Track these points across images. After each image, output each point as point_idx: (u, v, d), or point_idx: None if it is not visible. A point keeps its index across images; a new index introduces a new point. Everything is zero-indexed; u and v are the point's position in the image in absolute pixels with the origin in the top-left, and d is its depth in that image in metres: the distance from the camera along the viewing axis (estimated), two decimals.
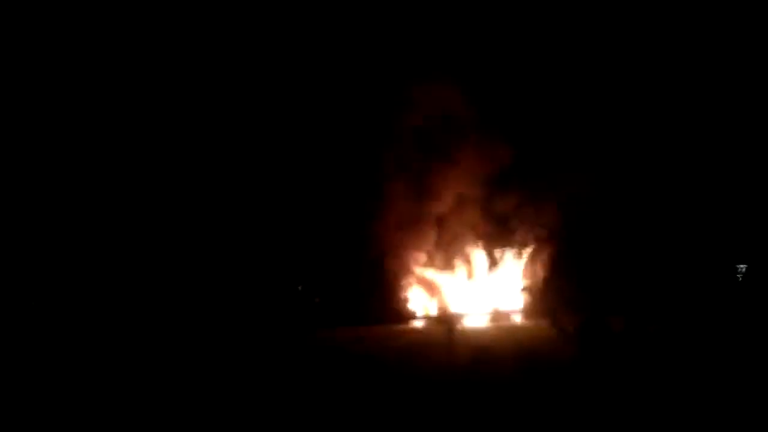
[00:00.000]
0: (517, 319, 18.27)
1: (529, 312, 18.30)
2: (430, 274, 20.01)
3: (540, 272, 18.80)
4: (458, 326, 17.50)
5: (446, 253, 20.19)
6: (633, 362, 9.53)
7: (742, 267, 18.02)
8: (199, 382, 9.48)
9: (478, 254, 19.93)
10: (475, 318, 18.38)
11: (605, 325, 11.97)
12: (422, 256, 20.15)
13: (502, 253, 19.60)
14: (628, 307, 13.74)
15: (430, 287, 19.95)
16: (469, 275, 19.97)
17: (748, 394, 7.55)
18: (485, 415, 7.32)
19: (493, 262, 19.76)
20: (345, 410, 7.69)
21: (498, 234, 19.62)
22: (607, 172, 18.38)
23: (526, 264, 19.19)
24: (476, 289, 19.65)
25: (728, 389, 7.74)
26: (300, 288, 20.11)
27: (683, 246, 18.06)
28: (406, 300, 19.55)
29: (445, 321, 17.61)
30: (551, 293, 18.02)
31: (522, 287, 19.09)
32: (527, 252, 19.10)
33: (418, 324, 18.77)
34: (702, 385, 8.13)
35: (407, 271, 19.94)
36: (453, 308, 18.99)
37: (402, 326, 18.45)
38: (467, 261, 20.03)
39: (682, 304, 14.79)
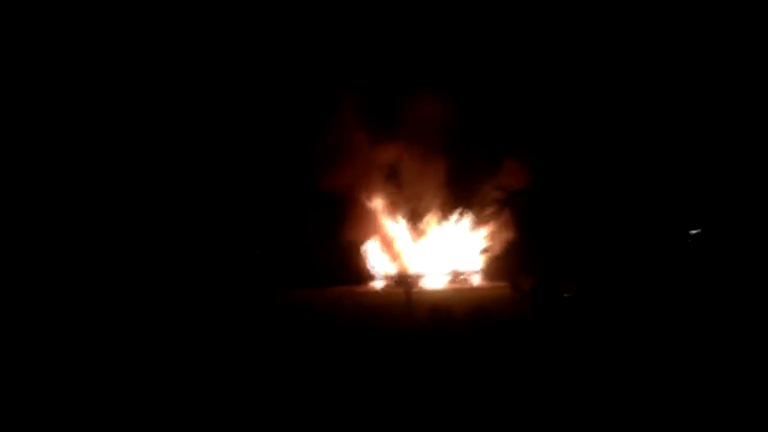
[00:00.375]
0: (476, 280, 18.85)
1: (488, 273, 18.87)
2: (389, 234, 20.30)
3: (500, 234, 19.29)
4: (417, 287, 17.98)
5: (406, 214, 20.47)
6: (584, 322, 10.08)
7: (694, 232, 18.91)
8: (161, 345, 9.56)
9: (438, 214, 20.27)
10: (433, 279, 18.86)
11: (559, 286, 12.54)
12: (381, 217, 20.39)
13: (463, 214, 19.96)
14: (583, 269, 14.36)
15: (389, 247, 20.25)
16: (428, 236, 20.32)
17: (692, 349, 8.13)
18: (443, 373, 7.68)
19: (454, 223, 20.13)
20: (305, 372, 7.93)
21: (459, 194, 19.96)
22: (570, 137, 18.82)
23: (487, 225, 19.65)
24: (435, 249, 20.05)
25: (675, 345, 8.32)
26: (258, 251, 20.12)
27: (637, 211, 18.78)
28: (364, 261, 19.84)
29: (403, 281, 18.04)
30: (510, 255, 18.60)
31: (481, 249, 19.58)
32: (488, 213, 19.54)
33: (376, 285, 19.15)
34: (650, 341, 8.67)
35: (365, 232, 20.17)
36: (411, 269, 19.41)
37: (361, 287, 18.82)
38: (427, 221, 20.35)
39: (631, 267, 15.50)
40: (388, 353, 8.85)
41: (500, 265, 18.58)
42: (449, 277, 18.92)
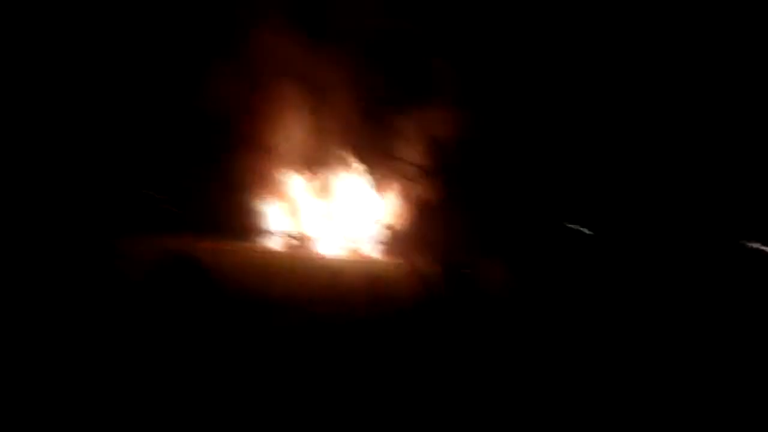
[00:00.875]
0: (375, 252, 18.58)
1: (387, 248, 18.70)
2: (289, 189, 19.58)
3: (404, 210, 19.18)
4: (313, 249, 17.48)
5: (310, 171, 19.79)
6: (480, 310, 10.05)
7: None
8: None
9: (343, 178, 19.82)
10: (330, 244, 18.39)
11: (459, 272, 12.49)
12: (283, 171, 19.55)
13: (370, 183, 19.68)
14: (486, 256, 14.42)
15: (285, 202, 19.54)
16: (329, 196, 19.83)
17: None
18: (339, 349, 7.31)
19: (359, 191, 19.78)
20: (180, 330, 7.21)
21: (370, 162, 19.59)
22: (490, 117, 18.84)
23: (392, 199, 19.48)
24: (336, 214, 19.61)
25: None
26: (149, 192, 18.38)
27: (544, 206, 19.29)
28: (254, 213, 18.95)
29: (299, 242, 17.45)
30: (411, 234, 18.53)
31: (383, 222, 19.37)
32: (397, 187, 19.36)
33: (266, 242, 18.39)
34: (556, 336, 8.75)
35: (262, 183, 19.29)
36: (309, 229, 18.86)
37: (248, 243, 17.96)
38: (330, 183, 19.83)
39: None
40: (282, 322, 8.31)
41: (400, 239, 18.49)
42: (347, 245, 18.56)
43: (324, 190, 19.64)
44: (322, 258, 16.89)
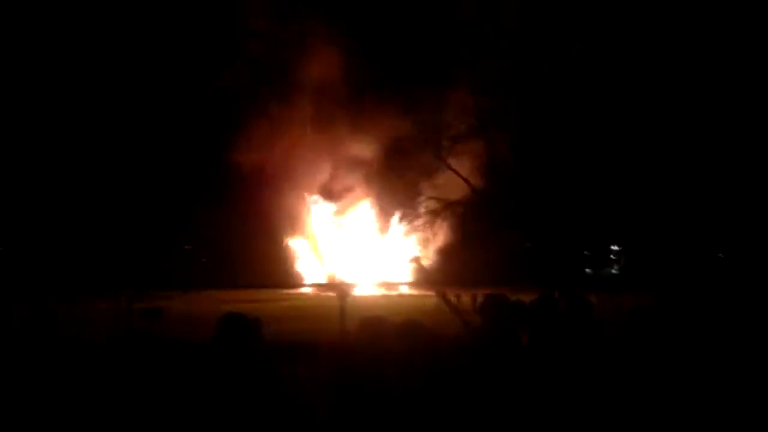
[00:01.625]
0: (405, 288, 19.24)
1: (418, 283, 19.35)
2: (321, 239, 20.44)
3: (431, 243, 19.80)
4: (348, 293, 18.18)
5: (340, 218, 20.64)
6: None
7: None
8: None
9: (370, 221, 20.59)
10: (364, 286, 19.16)
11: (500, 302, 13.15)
12: (312, 219, 20.46)
13: (396, 222, 20.37)
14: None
15: (320, 252, 20.38)
16: (361, 241, 20.62)
17: None
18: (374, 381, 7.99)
19: (386, 230, 20.51)
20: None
21: (393, 202, 20.32)
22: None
23: (419, 235, 20.12)
24: (366, 256, 20.37)
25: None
26: (186, 248, 19.66)
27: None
28: (294, 265, 19.86)
29: (335, 287, 18.24)
30: (440, 266, 19.12)
31: (412, 258, 20.08)
32: (421, 223, 20.01)
33: (306, 290, 19.20)
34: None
35: (297, 236, 20.19)
36: (342, 275, 19.63)
37: (290, 291, 18.81)
38: (359, 228, 20.62)
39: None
40: (321, 360, 9.03)
41: (430, 275, 19.04)
42: (380, 285, 19.27)
43: (358, 240, 20.37)
44: (362, 299, 17.59)
